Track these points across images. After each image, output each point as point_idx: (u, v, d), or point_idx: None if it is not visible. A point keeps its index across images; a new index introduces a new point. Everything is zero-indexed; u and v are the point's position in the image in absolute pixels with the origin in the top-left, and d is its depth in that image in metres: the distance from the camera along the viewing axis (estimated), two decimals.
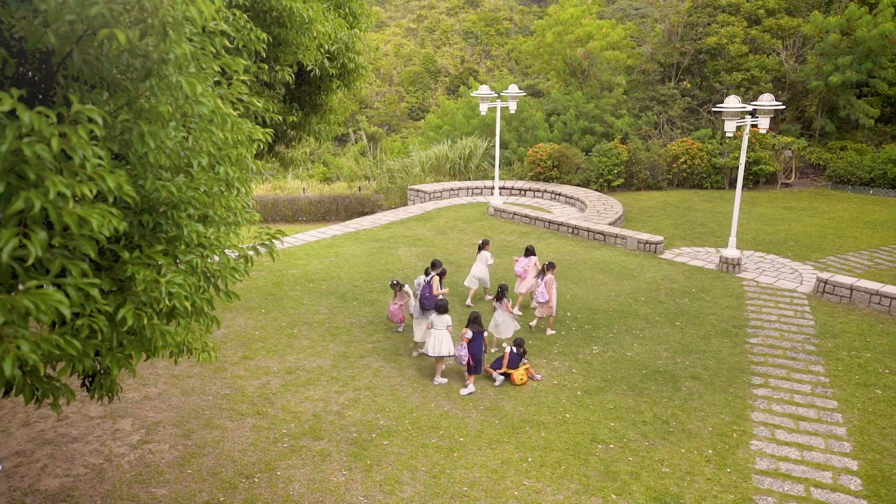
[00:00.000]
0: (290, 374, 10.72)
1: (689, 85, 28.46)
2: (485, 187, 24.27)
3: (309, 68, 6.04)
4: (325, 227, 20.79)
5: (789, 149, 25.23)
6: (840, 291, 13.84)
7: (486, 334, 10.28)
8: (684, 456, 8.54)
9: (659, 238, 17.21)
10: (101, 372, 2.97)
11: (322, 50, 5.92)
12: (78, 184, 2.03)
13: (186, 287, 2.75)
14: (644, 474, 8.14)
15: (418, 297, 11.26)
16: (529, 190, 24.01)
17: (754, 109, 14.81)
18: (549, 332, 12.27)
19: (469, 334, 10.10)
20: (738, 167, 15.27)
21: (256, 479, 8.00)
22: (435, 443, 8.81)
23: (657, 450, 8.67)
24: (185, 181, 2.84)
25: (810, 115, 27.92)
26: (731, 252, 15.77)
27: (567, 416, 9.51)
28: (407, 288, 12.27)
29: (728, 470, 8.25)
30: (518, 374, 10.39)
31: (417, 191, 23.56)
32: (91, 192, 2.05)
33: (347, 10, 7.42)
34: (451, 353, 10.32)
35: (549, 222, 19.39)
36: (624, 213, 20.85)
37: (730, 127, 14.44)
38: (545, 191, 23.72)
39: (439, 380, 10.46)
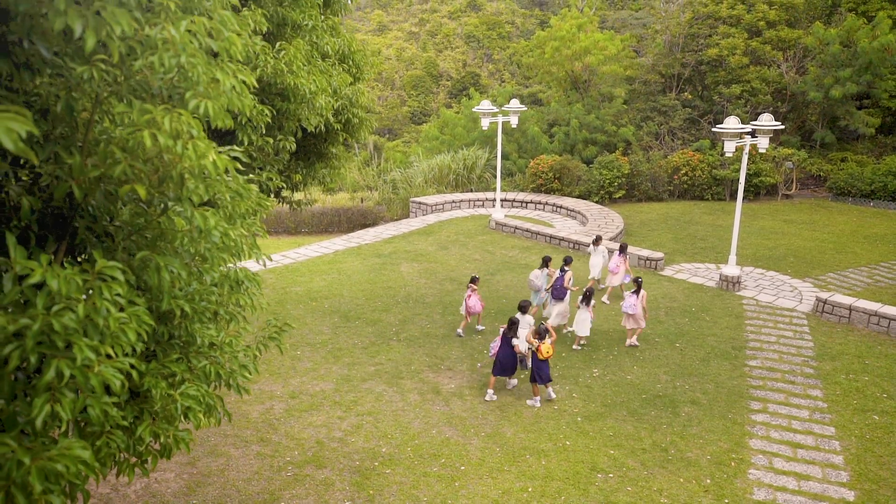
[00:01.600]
0: (294, 399, 10.84)
1: (689, 96, 28.55)
2: (486, 199, 24.39)
3: (314, 125, 6.22)
4: (328, 240, 20.92)
5: (790, 160, 25.31)
6: (839, 311, 13.93)
7: (515, 342, 10.51)
8: (683, 486, 8.64)
9: (659, 255, 17.31)
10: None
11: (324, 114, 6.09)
12: (102, 345, 2.17)
13: (200, 397, 2.89)
14: None
15: (541, 287, 13.11)
16: (531, 202, 24.12)
17: (753, 129, 14.91)
18: (632, 342, 12.72)
19: (500, 330, 10.81)
20: (738, 178, 15.37)
21: None
22: (436, 471, 8.93)
23: (656, 479, 8.78)
24: (199, 288, 2.98)
25: (811, 126, 27.99)
26: (731, 270, 15.87)
27: (567, 443, 9.62)
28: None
29: (726, 501, 8.35)
30: (545, 347, 10.30)
31: (419, 203, 23.69)
32: (115, 350, 2.20)
33: (351, 62, 7.58)
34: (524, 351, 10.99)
35: (551, 237, 19.50)
36: (625, 226, 20.95)
37: (729, 147, 14.53)
38: (546, 203, 23.83)
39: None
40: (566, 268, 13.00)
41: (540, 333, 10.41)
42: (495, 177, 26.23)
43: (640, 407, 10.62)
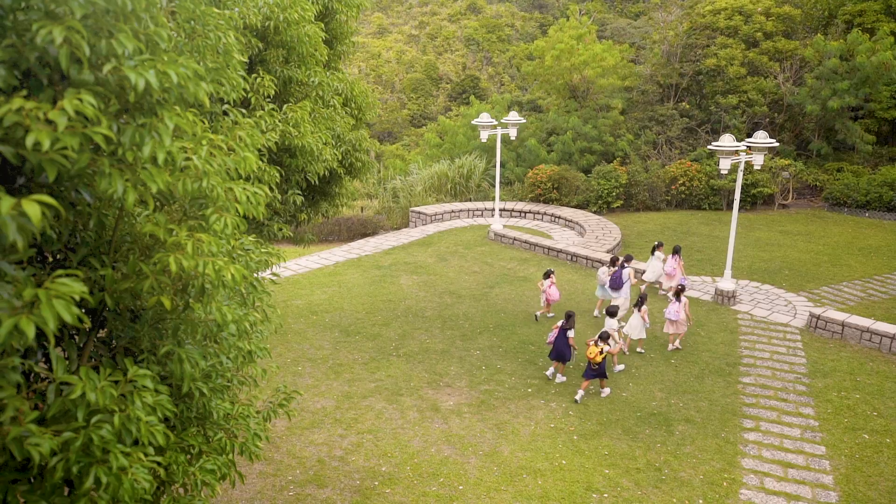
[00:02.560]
0: (295, 416, 11.03)
1: (687, 105, 28.77)
2: (485, 209, 24.60)
3: (319, 175, 6.49)
4: (328, 250, 21.12)
5: (786, 171, 25.54)
6: (832, 327, 14.15)
7: (570, 334, 11.90)
8: None
9: None
10: None
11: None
12: (134, 449, 2.40)
13: (217, 469, 3.12)
14: None
15: (607, 282, 14.55)
16: (529, 212, 24.34)
17: (749, 146, 15.12)
18: (675, 346, 13.62)
19: (558, 323, 12.04)
20: (737, 187, 15.77)
21: None
22: (435, 491, 9.14)
23: (649, 499, 8.99)
24: (214, 362, 3.22)
25: (807, 137, 28.22)
26: (726, 284, 16.08)
27: (563, 462, 9.82)
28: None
29: None
30: (592, 350, 11.14)
31: (419, 213, 23.90)
32: (145, 454, 2.44)
33: (354, 104, 7.86)
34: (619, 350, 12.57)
35: (549, 249, 19.70)
36: (622, 238, 21.16)
37: (725, 164, 14.74)
38: (545, 213, 24.05)
39: (618, 367, 12.60)
40: (626, 264, 14.47)
41: (602, 336, 11.35)
42: (493, 185, 26.47)
43: (636, 425, 10.83)
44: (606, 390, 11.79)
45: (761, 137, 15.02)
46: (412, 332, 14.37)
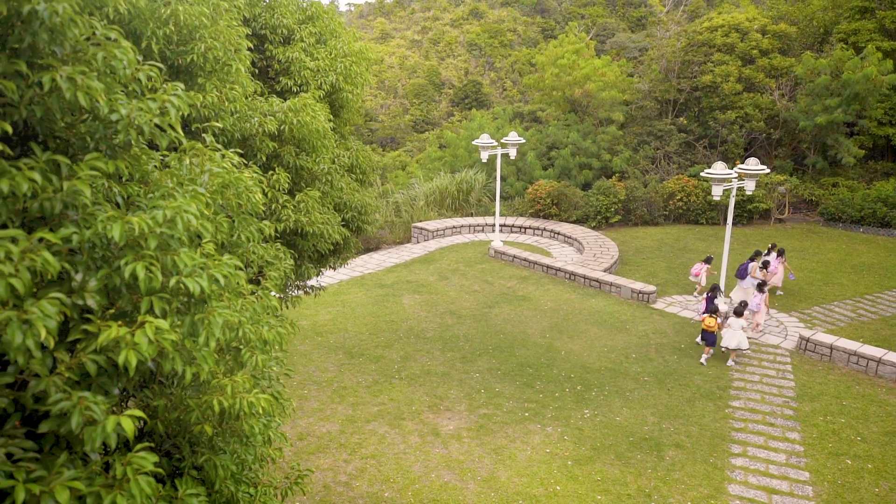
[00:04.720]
0: (302, 441, 11.53)
1: (685, 121, 29.24)
2: (486, 224, 25.09)
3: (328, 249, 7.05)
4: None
5: (782, 185, 25.98)
6: (821, 350, 14.59)
7: (717, 301, 14.78)
8: None
9: (651, 288, 17.97)
10: None
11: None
12: None
13: None
14: None
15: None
16: (529, 228, 24.82)
17: (740, 174, 15.58)
18: (758, 330, 15.87)
19: (705, 295, 15.36)
20: (729, 213, 16.40)
21: None
22: None
23: None
24: (240, 452, 3.74)
25: (803, 152, 28.66)
26: (720, 305, 16.50)
27: (557, 488, 10.30)
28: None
29: None
30: (708, 321, 14.02)
31: (421, 229, 24.38)
32: None
33: (359, 170, 8.42)
34: (746, 348, 14.21)
35: (548, 267, 20.17)
36: (620, 255, 21.61)
37: (717, 191, 15.20)
38: (544, 229, 24.52)
39: (731, 363, 14.33)
40: (754, 259, 16.90)
41: (712, 311, 14.25)
42: (493, 200, 26.96)
43: (628, 450, 11.30)
44: (705, 357, 14.33)
45: (753, 164, 15.46)
46: (414, 354, 14.86)
